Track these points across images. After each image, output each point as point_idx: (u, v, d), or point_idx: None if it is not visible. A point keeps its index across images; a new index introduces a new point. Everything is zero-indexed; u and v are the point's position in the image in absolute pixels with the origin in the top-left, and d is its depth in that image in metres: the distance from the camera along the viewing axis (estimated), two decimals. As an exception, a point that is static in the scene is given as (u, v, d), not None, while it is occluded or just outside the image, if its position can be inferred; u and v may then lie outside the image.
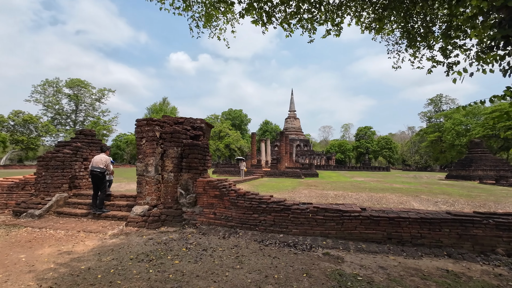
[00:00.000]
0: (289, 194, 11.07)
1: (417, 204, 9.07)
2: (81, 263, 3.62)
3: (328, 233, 4.96)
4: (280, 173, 24.47)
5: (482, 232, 4.42)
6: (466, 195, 11.27)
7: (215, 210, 5.77)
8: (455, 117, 54.66)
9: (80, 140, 7.76)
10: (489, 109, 48.26)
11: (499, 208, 8.68)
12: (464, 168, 26.55)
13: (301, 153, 63.44)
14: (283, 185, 15.58)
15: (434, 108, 70.45)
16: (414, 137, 76.87)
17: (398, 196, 10.22)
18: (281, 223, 5.25)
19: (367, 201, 9.54)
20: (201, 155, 6.25)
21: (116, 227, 5.50)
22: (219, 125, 76.94)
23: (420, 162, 73.43)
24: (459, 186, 16.65)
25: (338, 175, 30.07)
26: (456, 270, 3.65)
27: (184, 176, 6.03)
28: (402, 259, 4.06)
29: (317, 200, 9.73)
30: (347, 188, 13.31)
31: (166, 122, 6.53)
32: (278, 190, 12.71)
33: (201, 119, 7.05)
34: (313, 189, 12.26)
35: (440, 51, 5.31)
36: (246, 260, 3.81)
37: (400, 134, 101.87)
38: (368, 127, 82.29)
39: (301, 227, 5.12)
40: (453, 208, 8.69)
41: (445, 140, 55.43)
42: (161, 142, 6.11)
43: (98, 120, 61.10)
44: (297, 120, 73.26)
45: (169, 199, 5.94)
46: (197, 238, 4.87)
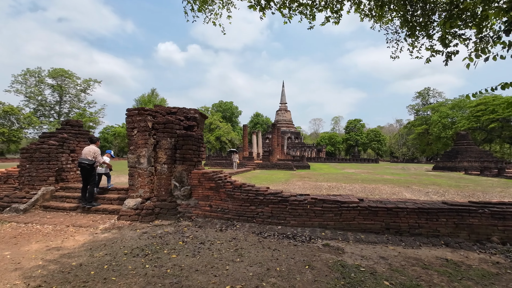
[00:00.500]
0: (283, 185, 11.04)
1: (409, 195, 9.21)
2: (72, 259, 3.42)
3: (326, 224, 4.93)
4: (272, 165, 24.48)
5: (478, 221, 4.48)
6: (454, 186, 11.57)
7: (211, 202, 5.63)
8: (441, 110, 55.97)
9: (66, 131, 7.38)
10: (474, 103, 49.66)
11: (487, 197, 8.93)
12: (450, 159, 27.34)
13: (292, 146, 63.74)
14: (276, 177, 15.56)
15: (421, 101, 71.89)
16: (402, 129, 78.55)
17: (391, 187, 10.37)
18: (279, 215, 5.17)
19: (360, 192, 9.62)
20: (195, 146, 6.06)
21: (107, 221, 5.28)
22: (210, 117, 76.03)
23: (407, 154, 75.28)
24: (447, 177, 17.12)
25: (329, 167, 30.40)
26: (455, 259, 3.67)
27: (178, 168, 5.83)
28: (402, 249, 4.06)
29: (312, 191, 9.73)
30: (340, 179, 13.41)
31: (159, 112, 6.26)
32: (272, 182, 12.67)
33: (195, 109, 6.81)
34: (307, 181, 12.28)
35: (439, 40, 5.25)
36: (246, 253, 3.71)
37: (389, 127, 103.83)
38: (358, 120, 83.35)
39: (300, 219, 5.05)
40: (443, 198, 8.87)
41: (431, 132, 56.83)
42: (153, 133, 5.87)
43: (84, 112, 59.11)
44: (288, 112, 73.28)
45: (163, 192, 5.75)
46: (193, 231, 4.73)
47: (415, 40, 5.72)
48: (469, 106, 50.70)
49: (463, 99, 56.77)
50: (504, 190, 10.34)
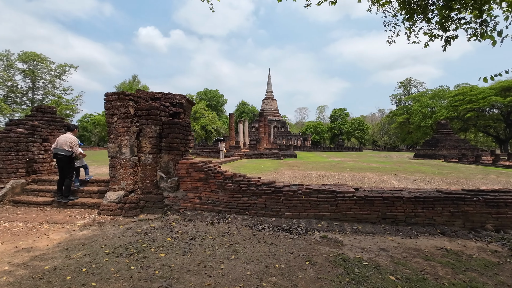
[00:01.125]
0: (273, 175, 10.86)
1: (397, 182, 9.31)
2: (45, 262, 3.02)
3: (322, 215, 4.76)
4: (260, 154, 24.29)
5: (472, 209, 4.46)
6: (438, 173, 11.88)
7: (200, 194, 5.30)
8: (422, 100, 57.68)
9: (37, 118, 6.69)
10: (453, 93, 51.48)
11: (470, 184, 9.18)
12: (430, 147, 28.33)
13: (278, 134, 63.85)
14: (264, 166, 15.38)
15: (403, 91, 73.68)
16: (384, 119, 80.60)
17: (379, 175, 10.46)
18: (272, 206, 4.95)
19: (350, 180, 9.62)
20: (182, 134, 5.65)
21: (87, 216, 4.84)
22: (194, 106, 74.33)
23: (388, 143, 77.68)
24: (429, 165, 17.67)
25: (315, 156, 30.67)
26: (454, 249, 3.61)
27: (164, 157, 5.42)
28: (400, 239, 3.96)
29: (301, 180, 9.62)
30: (328, 168, 13.44)
31: (141, 97, 5.75)
32: (260, 171, 12.46)
33: (181, 94, 6.34)
34: (296, 170, 12.18)
35: (437, 24, 5.06)
36: (241, 249, 3.46)
37: (371, 116, 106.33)
38: (342, 109, 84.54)
39: (294, 210, 4.85)
40: (430, 185, 9.04)
41: (412, 121, 58.66)
42: (136, 120, 5.38)
43: (60, 99, 55.70)
44: (274, 101, 72.93)
45: (148, 184, 5.34)
46: (182, 225, 4.41)
47: (413, 24, 5.50)
48: (448, 96, 52.55)
49: (443, 89, 58.75)
50: (485, 176, 10.73)
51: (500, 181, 9.62)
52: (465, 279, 2.75)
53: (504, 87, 41.52)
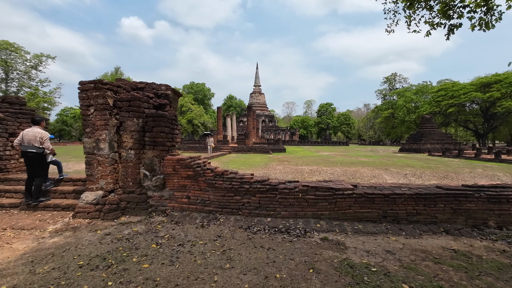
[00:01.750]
0: (263, 170, 10.54)
1: (389, 177, 9.23)
2: (3, 280, 2.54)
3: (320, 214, 4.47)
4: (248, 148, 23.93)
5: (475, 206, 4.30)
6: (427, 167, 11.97)
7: (189, 193, 4.87)
8: (406, 95, 58.96)
9: (3, 110, 5.98)
10: (436, 88, 52.91)
11: (460, 178, 9.25)
12: (415, 141, 28.96)
13: (266, 129, 63.64)
14: (253, 161, 15.04)
15: (389, 86, 75.08)
16: (370, 113, 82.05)
17: (370, 170, 10.37)
18: (267, 205, 4.61)
19: (342, 175, 9.45)
20: (168, 128, 5.16)
21: (59, 220, 4.31)
22: (181, 99, 72.60)
23: (374, 137, 79.40)
24: (415, 159, 17.95)
25: (303, 150, 30.66)
26: (462, 249, 3.41)
27: (148, 153, 4.93)
28: (404, 239, 3.73)
29: (293, 176, 9.35)
30: (319, 162, 13.27)
31: (121, 87, 5.19)
32: (250, 166, 12.11)
33: (166, 85, 5.82)
34: (287, 165, 11.92)
35: (439, 12, 4.81)
36: (236, 256, 3.09)
37: (357, 111, 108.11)
38: (329, 104, 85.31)
39: (291, 209, 4.53)
40: (421, 179, 9.02)
41: (397, 116, 59.96)
42: (115, 112, 4.84)
43: (36, 91, 52.67)
44: (262, 95, 72.43)
45: (130, 182, 4.85)
46: (169, 229, 3.98)
47: (413, 12, 5.23)
48: (431, 91, 53.96)
49: (426, 84, 60.27)
50: (472, 170, 10.89)
51: (488, 175, 9.76)
52: (482, 286, 2.52)
53: (484, 83, 43.00)
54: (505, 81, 40.26)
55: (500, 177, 9.45)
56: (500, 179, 9.23)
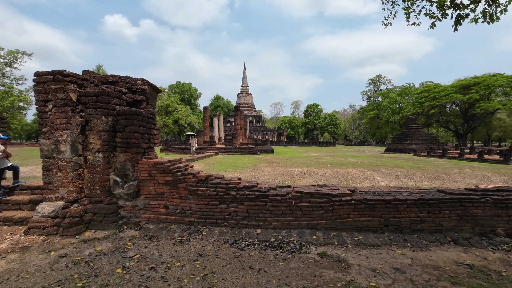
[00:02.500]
0: (251, 173, 10.01)
1: (381, 179, 8.95)
2: None
3: (316, 224, 3.99)
4: (236, 149, 23.32)
5: (481, 212, 3.97)
6: (416, 167, 11.86)
7: (167, 202, 4.27)
8: (391, 96, 60.29)
9: None
10: (418, 90, 54.35)
11: (451, 179, 9.10)
12: (401, 142, 29.36)
13: (254, 129, 63.20)
14: (241, 162, 14.48)
15: (373, 87, 76.60)
16: (356, 114, 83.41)
17: (361, 171, 10.08)
18: (257, 215, 4.08)
19: (333, 177, 9.08)
20: (144, 127, 4.54)
21: (8, 238, 3.60)
22: (167, 99, 70.96)
23: (359, 138, 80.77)
24: (403, 159, 17.99)
25: (291, 151, 30.39)
26: (477, 264, 3.02)
27: (120, 157, 4.29)
28: (411, 252, 3.31)
29: (283, 178, 8.89)
30: (309, 164, 12.90)
31: (88, 80, 4.50)
32: (238, 168, 11.55)
33: (143, 79, 5.17)
34: (276, 166, 11.46)
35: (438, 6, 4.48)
36: (220, 282, 2.54)
37: (343, 112, 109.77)
38: (316, 105, 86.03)
39: (283, 218, 4.03)
40: (413, 181, 8.80)
41: (381, 117, 61.18)
42: (80, 109, 4.17)
43: (11, 90, 49.60)
44: (250, 95, 71.97)
45: (98, 190, 4.18)
46: (140, 246, 3.37)
47: (412, 4, 4.88)
48: (414, 93, 55.33)
49: (410, 86, 61.87)
50: (461, 170, 10.86)
51: (477, 175, 9.70)
52: (515, 314, 2.11)
53: (464, 85, 44.53)
54: (483, 84, 41.86)
55: (489, 177, 9.40)
56: (489, 179, 9.17)
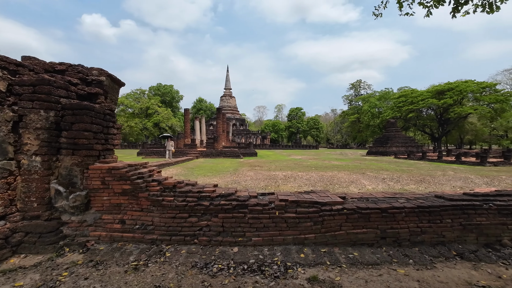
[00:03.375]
0: (232, 177, 9.33)
1: (367, 182, 8.59)
2: None
3: (304, 239, 3.40)
4: (218, 153, 22.50)
5: (486, 220, 3.56)
6: (400, 170, 11.71)
7: (124, 215, 3.51)
8: (371, 101, 61.94)
9: None
10: (397, 95, 56.21)
11: (436, 181, 8.92)
12: (382, 145, 29.86)
13: (238, 132, 62.49)
14: (222, 166, 13.74)
15: (354, 92, 78.52)
16: (338, 118, 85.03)
17: (347, 175, 9.71)
18: (234, 229, 3.43)
19: (319, 181, 8.61)
20: (98, 125, 3.76)
21: None
22: (147, 101, 68.65)
23: (341, 141, 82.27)
24: (385, 162, 18.04)
25: (275, 154, 29.99)
26: (492, 284, 2.55)
27: (66, 161, 3.48)
28: (415, 272, 2.79)
29: (266, 183, 8.29)
30: (293, 167, 12.41)
31: (27, 67, 3.67)
32: (218, 172, 10.82)
33: (101, 69, 4.38)
34: (258, 170, 10.84)
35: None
36: (178, 331, 1.86)
37: (325, 116, 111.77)
38: (299, 108, 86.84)
39: (265, 233, 3.40)
40: (400, 184, 8.51)
41: (362, 121, 62.67)
42: (11, 101, 3.33)
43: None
44: (233, 98, 71.31)
45: (34, 203, 3.34)
46: (79, 277, 2.59)
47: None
48: (392, 97, 57.14)
49: (388, 91, 63.94)
50: (444, 173, 10.80)
51: (461, 177, 9.63)
52: None
53: (439, 90, 46.51)
54: (456, 89, 43.94)
55: (473, 179, 9.34)
56: (473, 181, 9.09)
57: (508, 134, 54.05)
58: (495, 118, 46.69)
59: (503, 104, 43.69)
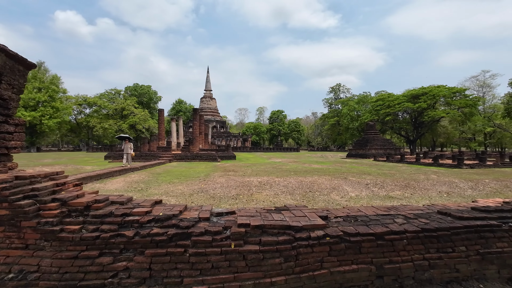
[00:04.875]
0: (200, 185, 8.16)
1: (350, 189, 7.78)
2: None
3: (270, 284, 2.36)
4: (193, 156, 21.10)
5: (507, 246, 2.72)
6: (383, 174, 11.12)
7: (-4, 256, 2.28)
8: (350, 104, 62.98)
9: None
10: (374, 98, 57.53)
11: (421, 186, 8.32)
12: (361, 147, 29.85)
13: (218, 135, 60.96)
14: (194, 171, 12.48)
15: (334, 95, 79.74)
16: (318, 121, 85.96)
17: (328, 180, 8.87)
18: (167, 273, 2.32)
19: (298, 188, 7.68)
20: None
21: None
22: (122, 102, 65.24)
23: (321, 143, 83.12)
24: (366, 164, 17.62)
25: (255, 157, 29.01)
26: None
27: None
28: None
29: (238, 191, 7.21)
30: (271, 172, 11.44)
31: None
32: (186, 179, 9.60)
33: (-9, 41, 3.12)
34: (232, 176, 9.73)
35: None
36: None
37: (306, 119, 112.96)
38: (280, 111, 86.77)
39: (213, 277, 2.33)
40: (384, 190, 7.79)
41: (342, 124, 63.52)
42: None
43: None
44: (214, 100, 69.77)
45: None
46: None
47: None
48: (370, 101, 58.41)
49: (366, 95, 65.44)
50: (427, 177, 10.31)
51: (445, 182, 9.12)
52: None
53: (414, 94, 47.98)
54: (430, 94, 45.52)
55: (457, 184, 8.85)
56: (458, 186, 8.60)
57: (476, 137, 57.05)
58: (465, 122, 48.98)
59: (472, 108, 45.88)
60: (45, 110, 50.46)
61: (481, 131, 52.38)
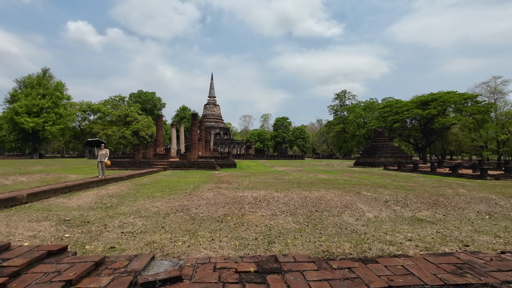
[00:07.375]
0: (182, 200, 6.77)
1: (366, 207, 6.29)
2: None
3: None
4: (190, 164, 19.77)
5: None
6: (401, 187, 9.57)
7: None
8: (356, 111, 61.34)
9: None
10: (382, 105, 55.83)
11: (453, 204, 6.76)
12: (370, 155, 28.15)
13: (221, 142, 59.81)
14: (185, 181, 11.12)
15: (339, 102, 78.21)
16: (323, 128, 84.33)
17: (338, 195, 7.38)
18: None
19: (301, 207, 6.22)
20: None
21: None
22: (126, 109, 64.86)
23: (326, 151, 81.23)
24: (378, 174, 16.03)
25: (257, 164, 27.58)
26: None
27: None
28: None
29: (227, 210, 5.79)
30: (271, 184, 9.98)
31: None
32: (171, 192, 8.22)
33: None
34: (223, 190, 8.32)
35: None
36: None
37: (311, 126, 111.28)
38: (285, 118, 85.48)
39: None
40: (409, 209, 6.26)
41: (348, 131, 61.79)
42: None
43: None
44: (217, 107, 68.90)
45: None
46: None
47: None
48: (377, 108, 56.71)
49: (373, 101, 63.76)
50: (455, 191, 8.74)
51: (480, 198, 7.55)
52: None
53: (423, 101, 46.23)
54: (440, 100, 43.70)
55: (496, 201, 7.27)
56: (497, 204, 7.02)
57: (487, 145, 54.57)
58: (477, 129, 46.81)
59: (484, 115, 43.83)
60: (48, 116, 50.11)
61: (494, 138, 50.05)
